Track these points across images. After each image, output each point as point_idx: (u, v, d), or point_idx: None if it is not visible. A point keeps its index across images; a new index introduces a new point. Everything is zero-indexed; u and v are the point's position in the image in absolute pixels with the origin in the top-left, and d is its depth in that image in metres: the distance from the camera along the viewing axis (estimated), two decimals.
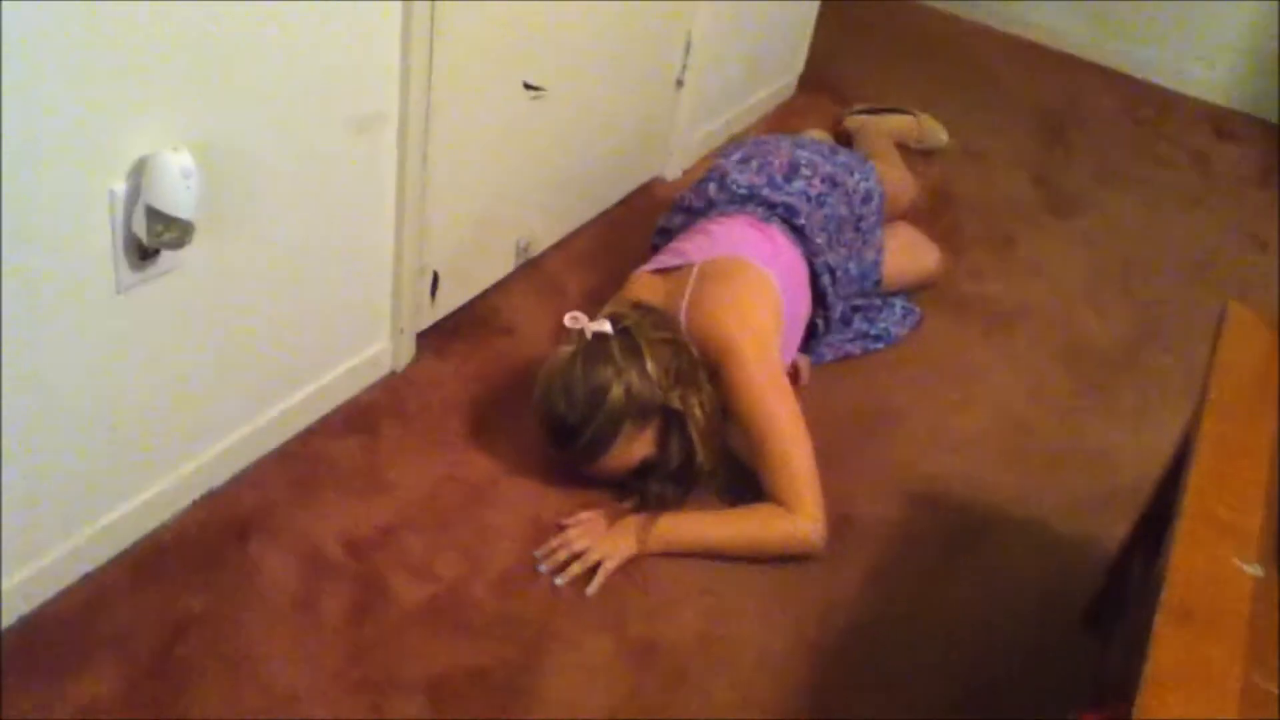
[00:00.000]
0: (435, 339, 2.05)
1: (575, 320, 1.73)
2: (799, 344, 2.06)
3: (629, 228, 2.41)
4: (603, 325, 1.71)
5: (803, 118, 3.02)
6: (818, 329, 2.08)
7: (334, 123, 1.61)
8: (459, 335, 2.08)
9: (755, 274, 1.88)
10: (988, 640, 1.71)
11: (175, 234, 1.36)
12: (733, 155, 2.18)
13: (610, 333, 1.70)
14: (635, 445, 1.72)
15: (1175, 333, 2.47)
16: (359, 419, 1.87)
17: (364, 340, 1.90)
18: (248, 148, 1.48)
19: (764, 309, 1.86)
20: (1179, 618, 1.01)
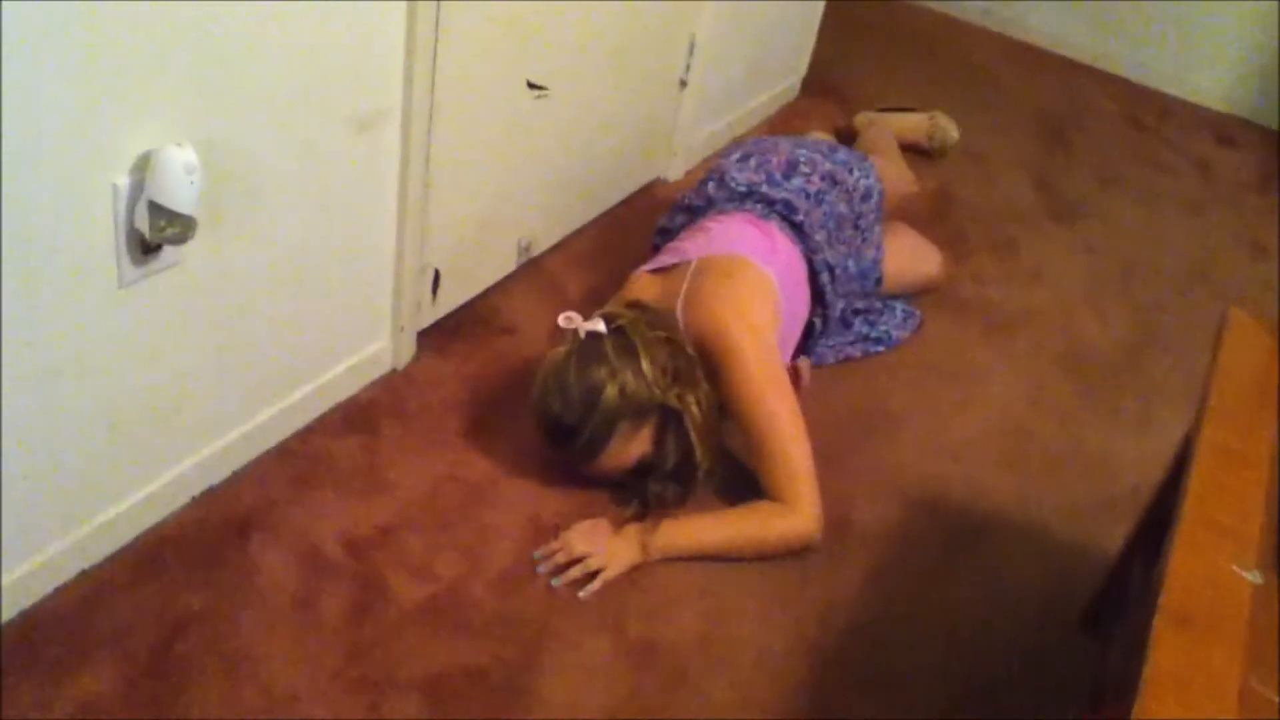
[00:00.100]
0: (436, 338, 2.05)
1: (570, 320, 1.73)
2: (797, 342, 2.06)
3: (631, 228, 2.41)
4: (597, 325, 1.71)
5: (805, 120, 3.03)
6: (816, 328, 2.08)
7: (337, 120, 1.61)
8: (460, 334, 2.08)
9: (753, 271, 1.88)
10: (987, 641, 1.71)
11: (178, 229, 1.36)
12: (732, 155, 2.19)
13: (604, 332, 1.70)
14: (632, 444, 1.72)
15: (1175, 338, 2.47)
16: (359, 417, 1.88)
17: (365, 338, 1.90)
18: (250, 144, 1.48)
19: (762, 305, 1.85)
20: (1178, 622, 1.01)
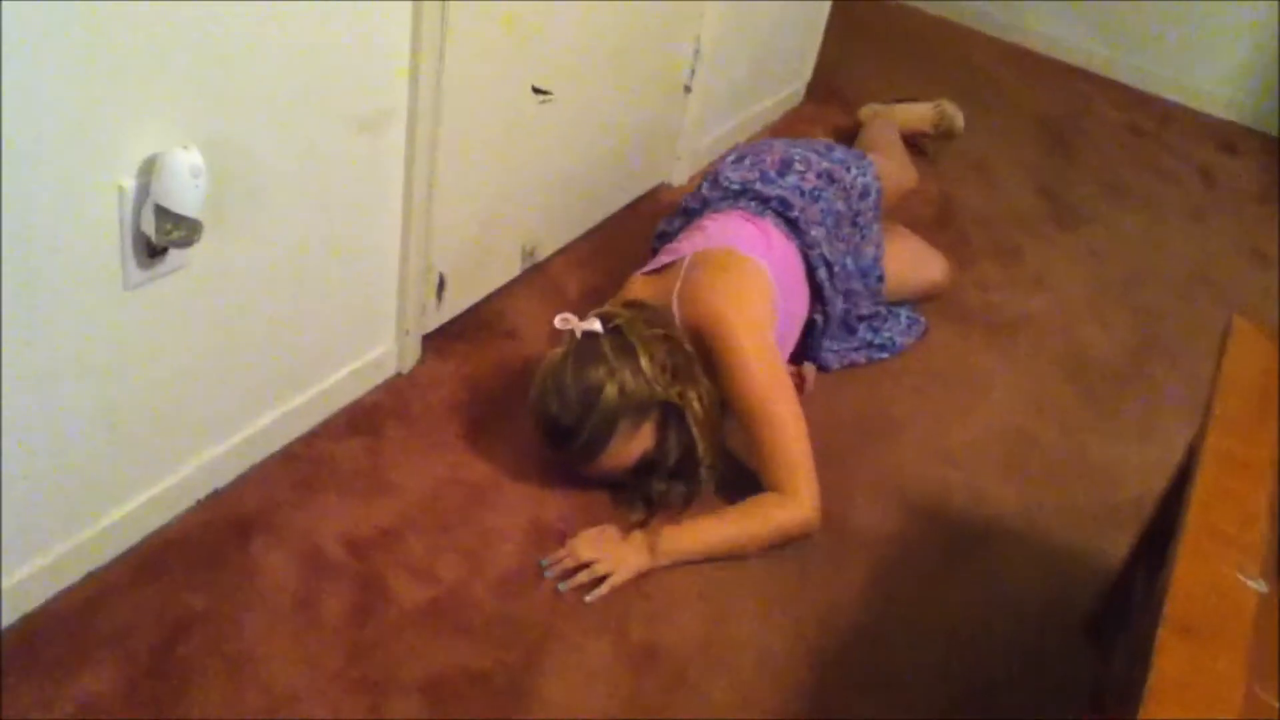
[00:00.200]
0: (440, 341, 2.05)
1: (565, 321, 1.73)
2: (800, 341, 2.07)
3: (635, 233, 2.41)
4: (593, 324, 1.71)
5: (810, 125, 3.03)
6: (817, 325, 2.08)
7: (342, 123, 1.62)
8: (464, 338, 2.09)
9: (749, 264, 1.88)
10: (987, 646, 1.71)
11: (184, 232, 1.36)
12: (728, 157, 2.20)
13: (601, 331, 1.70)
14: (633, 442, 1.71)
15: (1178, 346, 2.47)
16: (363, 420, 1.88)
17: (369, 342, 1.90)
18: (255, 146, 1.48)
19: (757, 297, 1.86)
20: (1181, 630, 1.01)
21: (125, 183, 1.32)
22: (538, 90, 2.02)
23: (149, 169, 1.32)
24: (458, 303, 2.09)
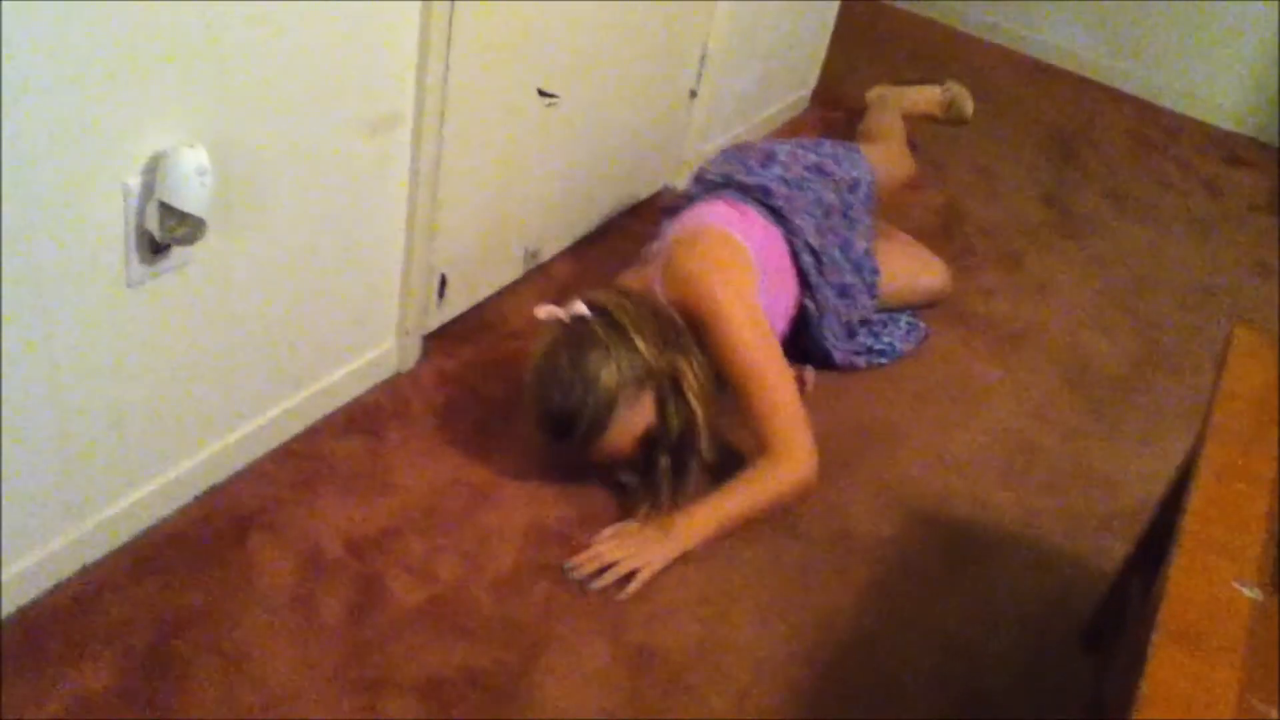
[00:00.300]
0: (441, 342, 2.06)
1: (550, 313, 1.74)
2: (799, 335, 2.08)
3: (638, 236, 2.40)
4: (578, 308, 1.72)
5: (815, 132, 3.03)
6: (811, 315, 2.08)
7: (348, 123, 1.62)
8: (465, 339, 2.09)
9: (730, 240, 1.90)
10: (986, 653, 1.71)
11: (188, 230, 1.37)
12: (714, 158, 2.22)
13: (589, 314, 1.72)
14: (635, 419, 1.71)
15: (1181, 355, 2.47)
16: (363, 419, 1.88)
17: (370, 341, 1.90)
18: (261, 146, 1.49)
19: (739, 268, 1.87)
20: (1176, 639, 1.01)
21: (130, 179, 1.32)
22: (544, 93, 2.02)
23: (154, 166, 1.33)
24: (459, 303, 2.10)
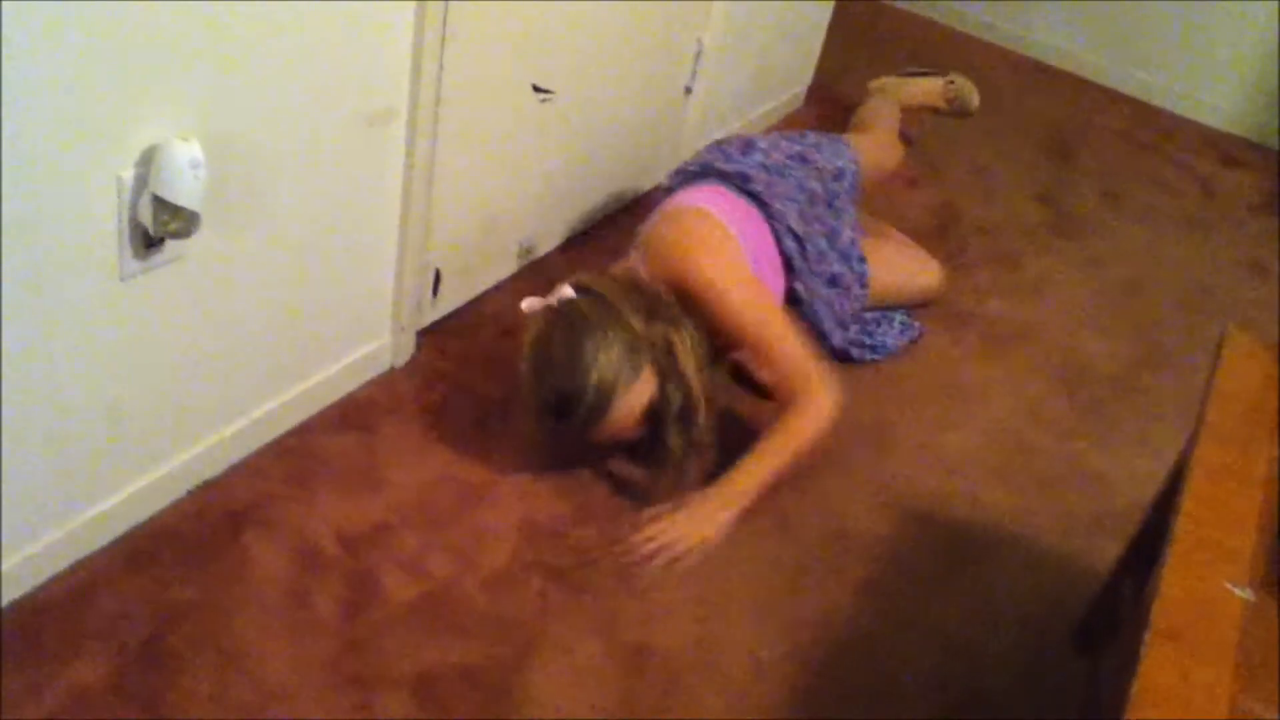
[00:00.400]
0: (436, 337, 2.05)
1: (535, 304, 1.76)
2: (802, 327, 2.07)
3: (633, 233, 2.40)
4: (565, 291, 1.74)
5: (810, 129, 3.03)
6: (802, 299, 2.08)
7: (342, 118, 1.62)
8: (459, 334, 2.09)
9: (710, 218, 1.91)
10: (981, 653, 1.71)
11: (181, 224, 1.36)
12: (697, 153, 2.23)
13: (575, 296, 1.74)
14: (636, 393, 1.71)
15: (1175, 356, 2.47)
16: (357, 415, 1.88)
17: (364, 336, 1.90)
18: (256, 140, 1.49)
19: (719, 238, 1.89)
20: (1168, 639, 1.01)
21: (124, 172, 1.32)
22: (539, 89, 2.02)
23: (148, 159, 1.32)
24: (454, 299, 2.10)
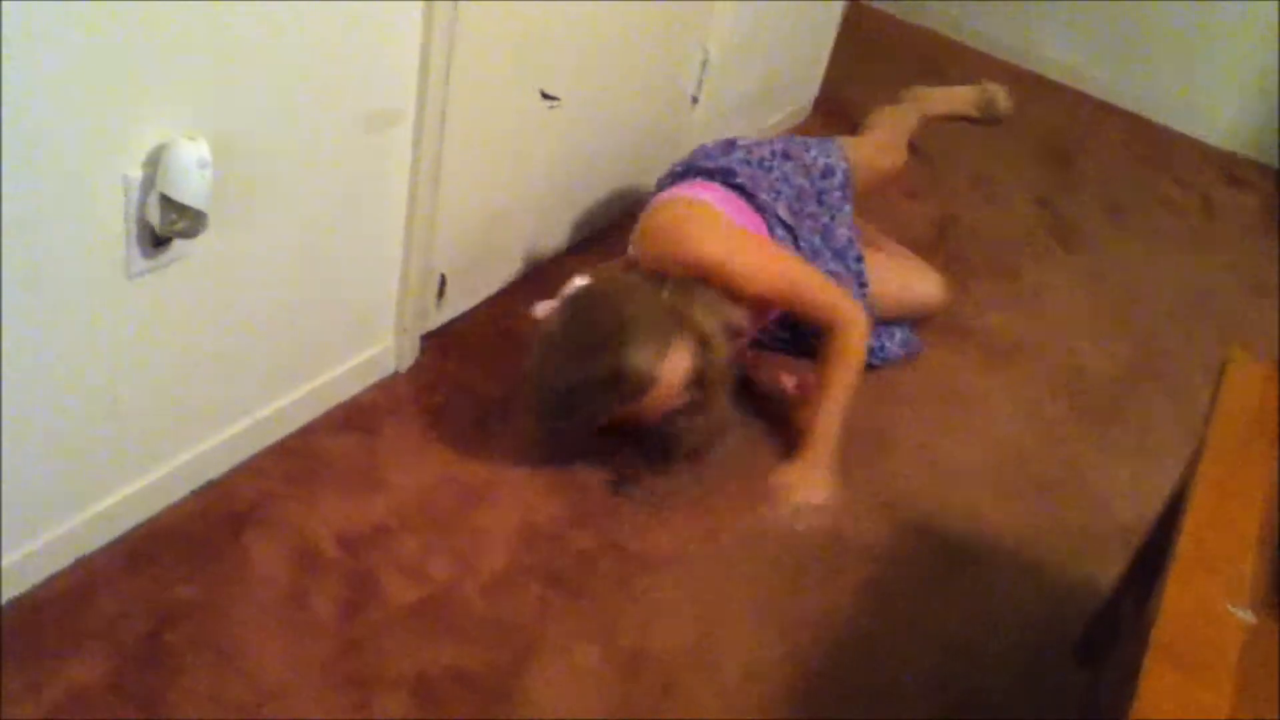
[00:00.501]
0: (440, 341, 2.06)
1: (548, 306, 1.81)
2: (777, 321, 2.10)
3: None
4: (576, 281, 1.79)
5: None
6: None
7: (349, 120, 1.62)
8: (463, 339, 2.09)
9: (699, 199, 1.95)
10: (978, 662, 1.71)
11: (188, 223, 1.36)
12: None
13: (590, 282, 1.80)
14: (680, 355, 1.75)
15: (1175, 371, 2.48)
16: (360, 417, 1.88)
17: (368, 339, 1.90)
18: (263, 141, 1.49)
19: (710, 215, 1.93)
20: (1168, 659, 1.01)
21: (131, 171, 1.32)
22: (546, 95, 2.02)
23: (155, 158, 1.33)
24: (459, 303, 2.10)
